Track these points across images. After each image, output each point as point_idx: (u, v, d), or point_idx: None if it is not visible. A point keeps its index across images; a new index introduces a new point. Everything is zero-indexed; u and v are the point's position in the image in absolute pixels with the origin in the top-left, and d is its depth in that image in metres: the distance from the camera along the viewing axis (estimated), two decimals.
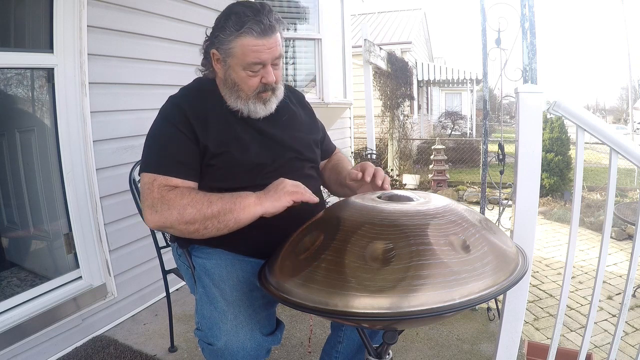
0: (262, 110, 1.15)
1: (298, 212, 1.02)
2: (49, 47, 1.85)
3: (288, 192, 1.00)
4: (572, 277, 3.43)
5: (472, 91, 15.79)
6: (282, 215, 1.02)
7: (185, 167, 1.08)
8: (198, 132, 1.09)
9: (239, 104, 1.13)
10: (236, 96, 1.13)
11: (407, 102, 8.82)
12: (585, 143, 1.42)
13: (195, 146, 1.10)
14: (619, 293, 3.33)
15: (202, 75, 1.24)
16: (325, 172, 1.40)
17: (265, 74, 1.10)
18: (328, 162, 1.43)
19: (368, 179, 1.12)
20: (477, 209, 1.79)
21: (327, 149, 1.43)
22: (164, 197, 1.02)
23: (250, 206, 1.00)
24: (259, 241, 1.10)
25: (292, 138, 1.22)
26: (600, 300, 2.64)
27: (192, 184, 1.09)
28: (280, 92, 1.19)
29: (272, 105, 1.16)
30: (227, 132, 1.13)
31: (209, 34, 1.15)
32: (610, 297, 3.31)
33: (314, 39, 4.14)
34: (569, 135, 6.56)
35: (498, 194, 2.35)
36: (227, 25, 1.07)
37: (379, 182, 1.12)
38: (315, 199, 1.02)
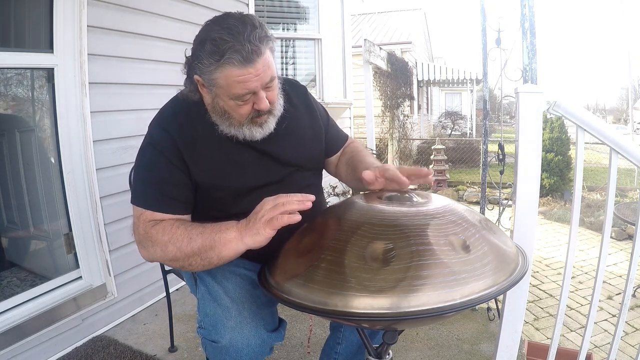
0: (259, 133, 1.05)
1: (299, 213, 0.97)
2: (49, 47, 1.85)
3: (265, 222, 0.90)
4: (572, 277, 3.43)
5: (472, 91, 15.79)
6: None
7: (174, 201, 1.03)
8: (189, 164, 1.03)
9: (233, 130, 1.03)
10: (228, 123, 1.03)
11: (407, 102, 8.82)
12: (585, 143, 1.42)
13: (187, 178, 1.04)
14: (619, 293, 3.33)
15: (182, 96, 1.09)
16: (341, 168, 1.29)
17: (257, 100, 0.98)
18: (342, 155, 1.32)
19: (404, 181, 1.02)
20: (477, 209, 1.79)
21: (335, 139, 1.31)
22: (148, 233, 1.00)
23: (232, 242, 0.92)
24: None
25: (292, 151, 1.13)
26: (600, 300, 2.64)
27: (183, 217, 1.05)
28: (279, 110, 1.08)
29: (271, 126, 1.06)
30: (220, 162, 1.06)
31: (187, 55, 1.01)
32: (610, 297, 3.31)
33: (314, 39, 4.14)
34: (569, 135, 6.57)
35: (498, 194, 2.35)
36: (203, 54, 0.93)
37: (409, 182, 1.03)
38: (305, 206, 0.90)
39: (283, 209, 0.89)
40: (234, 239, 0.93)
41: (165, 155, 1.02)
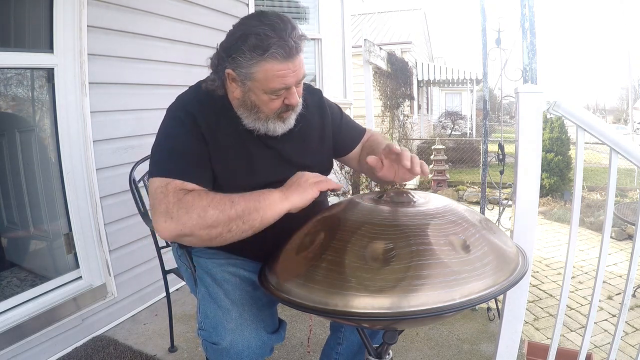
0: (281, 128, 1.08)
1: (299, 213, 0.98)
2: (49, 47, 1.85)
3: (313, 183, 0.96)
4: (572, 277, 3.43)
5: (472, 91, 15.79)
6: (283, 217, 1.00)
7: (201, 171, 1.01)
8: (211, 150, 1.04)
9: (258, 124, 1.06)
10: (255, 117, 1.05)
11: (407, 102, 8.82)
12: (585, 143, 1.42)
13: (208, 161, 1.04)
14: (619, 293, 3.33)
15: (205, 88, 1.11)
16: (363, 163, 1.26)
17: (289, 95, 1.02)
18: (363, 150, 1.31)
19: (407, 163, 0.99)
20: (477, 209, 1.79)
21: (351, 136, 1.31)
22: (181, 200, 0.92)
23: (277, 202, 0.92)
24: (261, 245, 1.05)
25: (302, 152, 1.16)
26: (600, 300, 2.64)
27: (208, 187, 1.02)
28: (299, 107, 1.12)
29: (291, 122, 1.10)
30: (237, 156, 1.07)
31: (219, 49, 1.03)
32: (610, 297, 3.31)
33: (314, 39, 4.14)
34: (569, 135, 6.57)
35: (498, 194, 2.35)
36: (245, 47, 0.95)
37: (417, 169, 0.99)
38: (340, 186, 1.00)
39: (324, 178, 0.98)
40: (279, 199, 0.93)
41: (191, 133, 1.03)
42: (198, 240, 0.93)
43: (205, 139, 1.03)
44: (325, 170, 1.24)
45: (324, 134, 1.24)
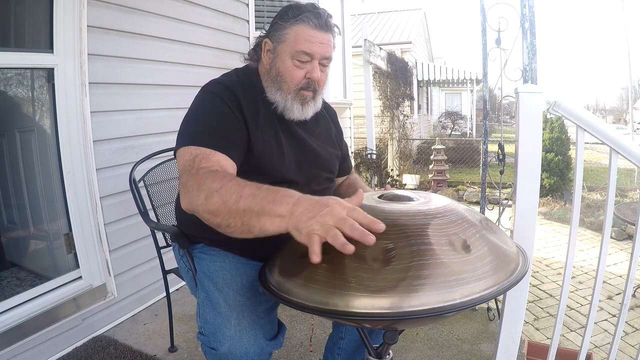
0: (299, 111, 1.12)
1: None
2: (49, 47, 1.85)
3: (311, 232, 0.72)
4: (572, 277, 3.43)
5: (472, 91, 15.79)
6: None
7: (232, 144, 1.01)
8: (250, 128, 1.06)
9: (278, 96, 1.10)
10: (277, 87, 1.10)
11: (407, 102, 8.82)
12: (585, 143, 1.42)
13: (245, 132, 1.05)
14: (619, 293, 3.33)
15: (243, 65, 1.20)
16: (342, 189, 1.40)
17: (312, 68, 1.08)
18: (346, 179, 1.43)
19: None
20: (477, 209, 1.79)
21: (347, 166, 1.43)
22: (197, 175, 0.90)
23: (279, 219, 0.78)
24: (259, 242, 1.06)
25: (326, 152, 1.22)
26: (600, 300, 2.64)
27: (234, 167, 1.00)
28: (319, 102, 1.18)
29: (309, 111, 1.14)
30: (271, 141, 1.10)
31: (266, 28, 1.15)
32: (610, 297, 3.31)
33: None
34: (569, 135, 6.56)
35: (498, 194, 2.35)
36: (285, 13, 1.08)
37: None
38: (359, 238, 0.70)
39: (344, 228, 0.71)
40: (284, 216, 0.77)
41: (230, 107, 1.05)
42: (205, 222, 0.88)
43: (246, 117, 1.06)
44: (333, 175, 1.31)
45: (336, 141, 1.33)
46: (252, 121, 1.07)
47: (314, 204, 0.76)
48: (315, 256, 0.71)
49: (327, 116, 1.32)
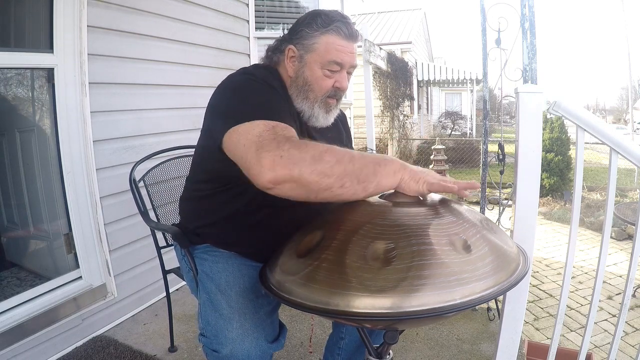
0: (324, 118, 1.12)
1: (303, 214, 0.98)
2: (49, 47, 1.85)
3: (429, 182, 0.85)
4: (572, 277, 3.43)
5: (472, 91, 15.79)
6: (287, 217, 1.01)
7: (293, 122, 0.98)
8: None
9: (305, 105, 1.09)
10: (304, 96, 1.08)
11: (407, 102, 8.83)
12: (585, 143, 1.42)
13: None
14: (619, 293, 3.33)
15: (260, 64, 1.17)
16: None
17: (340, 78, 1.08)
18: None
19: None
20: (477, 209, 1.79)
21: None
22: (290, 141, 0.83)
23: (395, 173, 0.84)
24: (265, 243, 1.05)
25: None
26: (600, 300, 2.64)
27: None
28: (339, 108, 1.18)
29: (331, 118, 1.15)
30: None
31: (284, 35, 1.13)
32: (610, 297, 3.31)
33: None
34: (569, 135, 6.56)
35: (498, 194, 2.35)
36: (313, 22, 1.06)
37: None
38: (465, 193, 0.88)
39: (447, 184, 0.86)
40: (398, 171, 0.85)
41: (278, 91, 1.05)
42: (302, 188, 0.81)
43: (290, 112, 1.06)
44: None
45: (347, 147, 1.33)
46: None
47: (414, 167, 0.88)
48: (457, 185, 0.87)
49: (338, 119, 1.30)
